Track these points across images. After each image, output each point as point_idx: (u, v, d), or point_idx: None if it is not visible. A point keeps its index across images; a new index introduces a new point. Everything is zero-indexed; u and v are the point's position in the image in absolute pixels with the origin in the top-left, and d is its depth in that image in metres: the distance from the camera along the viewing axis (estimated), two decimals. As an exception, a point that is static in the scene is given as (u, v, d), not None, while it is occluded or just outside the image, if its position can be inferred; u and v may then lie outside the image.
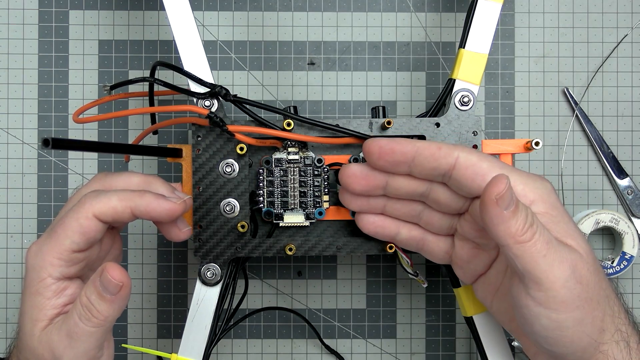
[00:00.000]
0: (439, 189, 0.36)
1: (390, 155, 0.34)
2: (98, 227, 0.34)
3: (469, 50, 0.40)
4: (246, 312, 0.46)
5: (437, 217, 0.37)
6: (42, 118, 0.48)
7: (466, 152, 0.34)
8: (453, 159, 0.33)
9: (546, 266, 0.30)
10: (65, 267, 0.33)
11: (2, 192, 0.48)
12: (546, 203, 0.33)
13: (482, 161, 0.33)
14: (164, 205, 0.34)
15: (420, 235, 0.38)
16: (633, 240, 0.46)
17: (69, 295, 0.34)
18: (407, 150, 0.34)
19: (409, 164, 0.34)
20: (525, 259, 0.30)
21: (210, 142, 0.39)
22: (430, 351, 0.48)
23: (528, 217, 0.31)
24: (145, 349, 0.40)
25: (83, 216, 0.33)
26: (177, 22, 0.39)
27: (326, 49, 0.49)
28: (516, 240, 0.30)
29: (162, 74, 0.48)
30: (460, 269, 0.37)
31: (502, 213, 0.30)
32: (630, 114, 0.49)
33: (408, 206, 0.37)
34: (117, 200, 0.34)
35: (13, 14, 0.48)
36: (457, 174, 0.33)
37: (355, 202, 0.38)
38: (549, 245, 0.31)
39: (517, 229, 0.30)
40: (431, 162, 0.34)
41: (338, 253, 0.40)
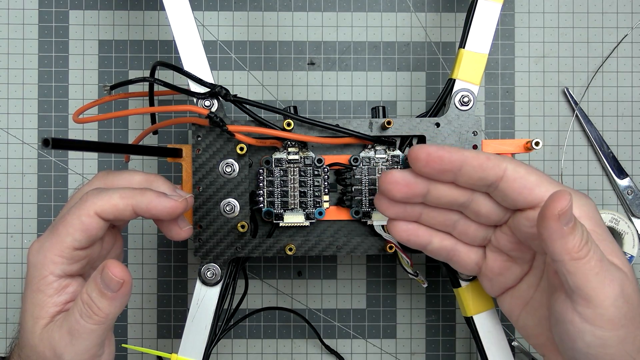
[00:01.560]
0: (481, 199, 0.35)
1: (438, 164, 0.33)
2: (100, 225, 0.34)
3: (469, 50, 0.40)
4: (246, 312, 0.46)
5: (473, 228, 0.36)
6: (42, 118, 0.48)
7: (514, 164, 0.33)
8: (501, 171, 0.33)
9: (597, 284, 0.30)
10: (67, 264, 0.33)
11: (2, 192, 0.48)
12: (592, 220, 0.33)
13: (530, 174, 0.33)
14: (165, 203, 0.34)
15: (451, 245, 0.37)
16: (633, 240, 0.46)
17: (70, 292, 0.34)
18: (455, 158, 0.33)
19: (456, 173, 0.34)
20: (578, 275, 0.30)
21: (210, 142, 0.39)
22: (430, 351, 0.48)
23: (584, 235, 0.31)
24: (145, 349, 0.40)
25: (85, 213, 0.33)
26: (177, 22, 0.39)
27: (326, 49, 0.49)
28: (572, 256, 0.30)
29: (162, 74, 0.48)
30: (490, 281, 0.37)
31: (562, 229, 0.30)
32: (630, 114, 0.49)
33: (444, 215, 0.37)
34: (118, 198, 0.34)
35: (13, 14, 0.48)
36: (504, 186, 0.33)
37: (392, 209, 0.36)
38: (601, 264, 0.31)
39: (574, 246, 0.30)
40: (479, 173, 0.33)
41: (338, 253, 0.40)
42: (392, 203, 0.36)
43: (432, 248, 0.37)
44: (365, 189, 0.40)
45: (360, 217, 0.41)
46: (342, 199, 0.41)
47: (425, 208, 0.37)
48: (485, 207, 0.35)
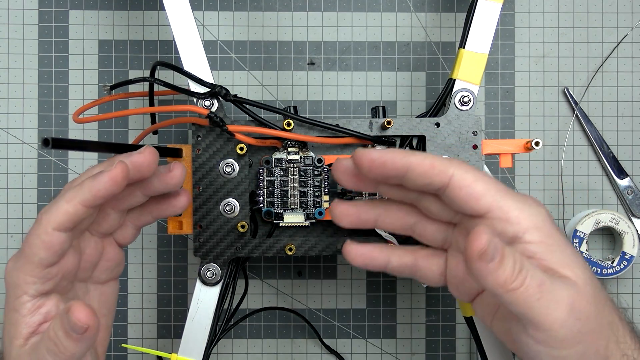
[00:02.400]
0: (430, 199, 0.35)
1: (381, 169, 0.33)
2: (62, 238, 0.32)
3: (469, 50, 0.40)
4: (246, 312, 0.46)
5: (431, 229, 0.36)
6: (42, 118, 0.48)
7: (462, 171, 0.32)
8: (447, 178, 0.32)
9: (541, 309, 0.30)
10: (39, 283, 0.33)
11: (2, 192, 0.48)
12: (541, 231, 0.32)
13: (477, 182, 0.32)
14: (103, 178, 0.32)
15: (411, 261, 0.36)
16: (633, 240, 0.46)
17: (43, 313, 0.33)
18: (399, 165, 0.32)
19: (401, 178, 0.33)
20: (519, 304, 0.29)
21: (210, 142, 0.39)
22: (430, 351, 0.48)
23: (516, 264, 0.29)
24: (145, 349, 0.40)
25: (42, 232, 0.32)
26: (177, 22, 0.39)
27: (326, 49, 0.49)
28: (506, 289, 0.29)
29: (162, 74, 0.48)
30: (456, 288, 0.36)
31: (487, 267, 0.29)
32: (630, 114, 0.49)
33: (400, 219, 0.36)
34: (65, 203, 0.32)
35: (13, 14, 0.48)
36: (451, 194, 0.32)
37: (347, 219, 0.36)
38: (542, 288, 0.30)
39: (505, 279, 0.29)
40: (424, 179, 0.32)
41: (338, 253, 0.40)
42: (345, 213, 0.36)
43: (392, 267, 0.36)
44: (365, 189, 0.40)
45: (360, 217, 0.40)
46: (342, 199, 0.41)
47: (380, 215, 0.36)
48: (434, 207, 0.35)
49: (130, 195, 0.35)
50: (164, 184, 0.35)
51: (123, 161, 0.32)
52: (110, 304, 0.38)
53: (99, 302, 0.37)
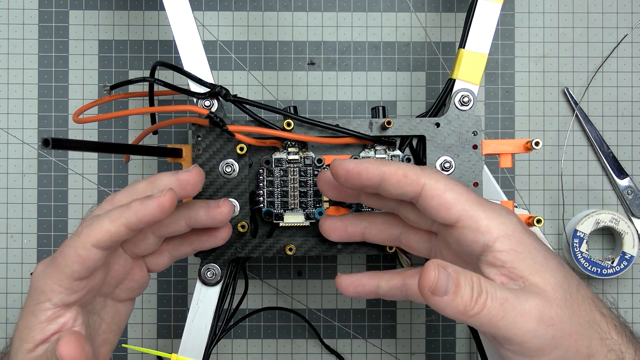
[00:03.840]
0: (408, 209, 0.36)
1: (357, 180, 0.34)
2: (98, 256, 0.32)
3: (469, 50, 0.40)
4: (246, 312, 0.46)
5: (415, 239, 0.37)
6: (42, 118, 0.48)
7: (433, 181, 0.33)
8: (419, 187, 0.33)
9: (508, 325, 0.30)
10: (65, 294, 0.33)
11: (2, 192, 0.48)
12: (511, 239, 0.33)
13: (448, 192, 0.33)
14: (151, 204, 0.32)
15: (400, 282, 0.37)
16: (633, 240, 0.46)
17: (60, 323, 0.33)
18: (372, 175, 0.33)
19: (376, 187, 0.34)
20: (485, 325, 0.30)
21: (210, 142, 0.39)
22: (430, 351, 0.48)
23: (474, 289, 0.30)
24: (145, 349, 0.40)
25: (81, 246, 0.32)
26: (177, 22, 0.39)
27: (326, 49, 0.49)
28: (468, 315, 0.30)
29: (162, 74, 0.48)
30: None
31: (443, 300, 0.29)
32: (630, 114, 0.49)
33: (386, 231, 0.38)
34: (109, 223, 0.32)
35: (13, 14, 0.48)
36: (423, 202, 0.33)
37: (335, 233, 0.38)
38: (504, 306, 0.30)
39: (464, 307, 0.29)
40: (397, 189, 0.33)
41: (338, 253, 0.40)
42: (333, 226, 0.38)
43: (383, 291, 0.37)
44: (365, 189, 0.40)
45: (360, 217, 0.41)
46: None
47: (366, 228, 0.38)
48: (412, 215, 0.36)
49: (174, 222, 0.36)
50: (210, 217, 0.36)
51: (173, 189, 0.33)
52: (122, 322, 0.38)
53: (112, 318, 0.37)
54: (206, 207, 0.36)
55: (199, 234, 0.38)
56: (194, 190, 0.34)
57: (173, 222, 0.36)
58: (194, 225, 0.36)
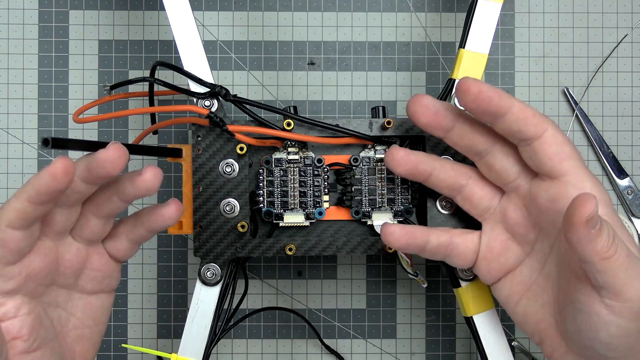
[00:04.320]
0: (499, 154, 0.35)
1: (486, 103, 0.33)
2: (15, 236, 0.31)
3: (469, 50, 0.40)
4: (246, 312, 0.46)
5: (479, 194, 0.37)
6: (42, 118, 0.48)
7: (555, 130, 0.33)
8: (542, 131, 0.33)
9: (627, 279, 0.30)
10: (0, 281, 0.32)
11: (2, 192, 0.48)
12: (609, 207, 0.33)
13: (566, 145, 0.33)
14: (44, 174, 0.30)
15: (448, 239, 0.37)
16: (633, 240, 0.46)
17: (1, 313, 0.32)
18: (503, 104, 0.33)
19: (498, 118, 0.33)
20: (609, 273, 0.30)
21: (210, 142, 0.39)
22: (430, 351, 0.48)
23: (611, 233, 0.30)
24: (145, 349, 0.40)
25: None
26: (177, 22, 0.39)
27: (326, 49, 0.49)
28: (601, 257, 0.30)
29: (162, 74, 0.48)
30: (488, 264, 0.37)
31: (590, 233, 0.29)
32: (630, 114, 0.49)
33: (453, 178, 0.37)
34: (14, 201, 0.31)
35: (13, 14, 0.48)
36: (538, 147, 0.33)
37: (405, 166, 0.36)
38: (629, 259, 0.30)
39: (602, 247, 0.30)
40: (520, 125, 0.33)
41: (338, 253, 0.40)
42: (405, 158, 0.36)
43: (430, 247, 0.37)
44: (365, 189, 0.40)
45: (360, 217, 0.41)
46: (342, 199, 0.41)
47: (436, 170, 0.36)
48: (499, 163, 0.35)
49: (107, 200, 0.34)
50: (135, 187, 0.34)
51: (65, 156, 0.31)
52: (97, 317, 0.37)
53: (83, 312, 0.36)
54: (130, 177, 0.34)
55: (148, 214, 0.36)
56: (114, 168, 0.32)
57: (105, 199, 0.34)
58: (125, 199, 0.34)
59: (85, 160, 0.32)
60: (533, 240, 0.36)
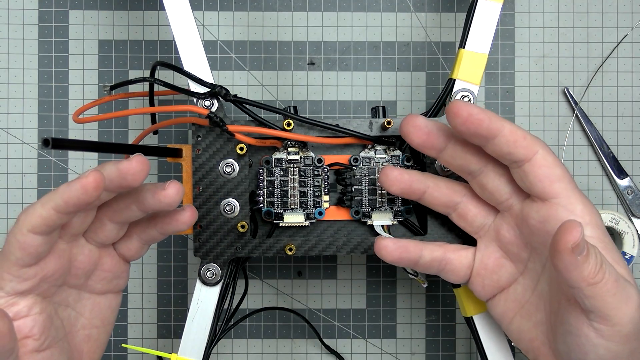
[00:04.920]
0: (491, 174, 0.35)
1: (476, 126, 0.33)
2: (37, 241, 0.32)
3: (469, 50, 0.40)
4: (246, 312, 0.46)
5: (473, 212, 0.37)
6: (42, 118, 0.48)
7: (545, 152, 0.33)
8: (532, 153, 0.33)
9: (615, 304, 0.30)
10: (15, 282, 0.32)
11: (2, 192, 0.48)
12: (599, 229, 0.33)
13: (556, 167, 0.33)
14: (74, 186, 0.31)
15: (441, 254, 0.37)
16: (633, 240, 0.46)
17: (13, 312, 0.33)
18: (493, 127, 0.33)
19: (488, 141, 0.33)
20: (596, 298, 0.30)
21: (210, 142, 0.39)
22: (430, 351, 0.48)
23: (598, 258, 0.30)
24: (145, 349, 0.40)
25: (19, 232, 0.32)
26: (177, 22, 0.39)
27: (326, 49, 0.49)
28: (589, 282, 0.30)
29: (162, 74, 0.48)
30: (482, 280, 0.37)
31: (576, 260, 0.29)
32: (630, 114, 0.49)
33: (448, 196, 0.37)
34: (40, 207, 0.32)
35: (13, 14, 0.48)
36: (529, 169, 0.33)
37: (399, 185, 0.36)
38: (617, 284, 0.30)
39: (589, 273, 0.30)
40: (510, 148, 0.33)
41: (338, 253, 0.40)
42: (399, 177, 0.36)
43: (423, 262, 0.37)
44: (365, 189, 0.40)
45: (360, 217, 0.41)
46: (342, 199, 0.41)
47: (430, 188, 0.37)
48: (492, 183, 0.35)
49: (126, 208, 0.35)
50: (156, 201, 0.34)
51: (98, 170, 0.31)
52: (105, 317, 0.37)
53: (91, 312, 0.37)
54: (153, 190, 0.34)
55: (163, 217, 0.37)
56: (135, 179, 0.32)
57: (124, 207, 0.35)
58: (144, 209, 0.35)
59: (107, 169, 0.32)
60: (526, 259, 0.36)
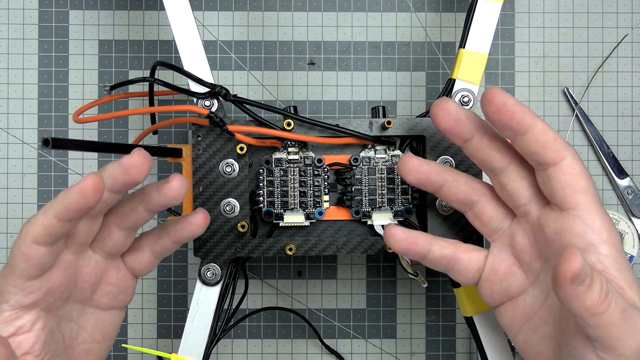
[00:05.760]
0: (513, 175, 0.34)
1: (508, 117, 0.32)
2: (40, 252, 0.31)
3: (469, 50, 0.40)
4: (246, 312, 0.46)
5: (490, 213, 0.35)
6: (42, 118, 0.48)
7: (574, 160, 0.32)
8: (560, 158, 0.32)
9: (620, 335, 0.29)
10: (21, 295, 0.32)
11: (2, 192, 0.48)
12: (616, 248, 0.32)
13: (582, 177, 0.32)
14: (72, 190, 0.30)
15: (452, 253, 0.36)
16: (633, 240, 0.46)
17: (16, 326, 0.32)
18: (525, 122, 0.32)
19: (517, 135, 0.32)
20: (601, 328, 0.29)
21: (210, 142, 0.39)
22: (430, 351, 0.48)
23: (603, 287, 0.29)
24: (145, 349, 0.40)
25: (22, 244, 0.31)
26: (177, 22, 0.39)
27: (326, 49, 0.49)
28: (592, 312, 0.28)
29: (162, 74, 0.48)
30: (491, 286, 0.35)
31: (576, 290, 0.28)
32: (630, 114, 0.49)
33: (466, 193, 0.35)
34: (42, 216, 0.31)
35: (13, 14, 0.48)
36: (554, 174, 0.32)
37: (417, 175, 0.35)
38: (624, 314, 0.29)
39: (592, 303, 0.28)
40: (539, 148, 0.32)
41: (338, 253, 0.40)
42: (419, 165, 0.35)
43: (432, 257, 0.36)
44: (365, 189, 0.40)
45: (360, 217, 0.41)
46: (342, 199, 0.41)
47: (448, 182, 0.35)
48: (512, 184, 0.34)
49: (132, 210, 0.34)
50: (162, 195, 0.33)
51: (97, 173, 0.31)
52: (107, 332, 0.37)
53: (94, 327, 0.36)
54: (157, 186, 0.34)
55: (175, 224, 0.36)
56: (139, 174, 0.31)
57: (131, 210, 0.34)
58: (151, 208, 0.34)
59: (109, 168, 0.32)
60: (538, 270, 0.34)
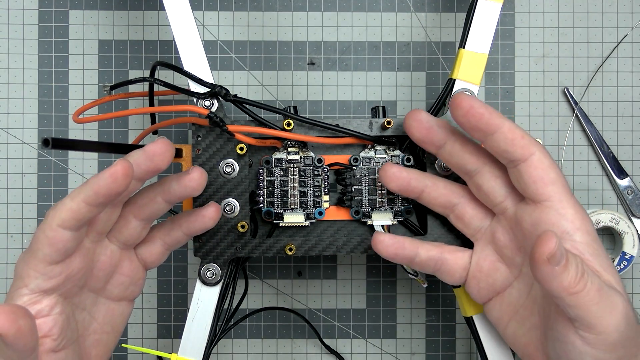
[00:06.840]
0: (487, 175, 0.35)
1: (476, 119, 0.33)
2: (65, 236, 0.32)
3: (469, 50, 0.40)
4: (246, 312, 0.46)
5: (470, 213, 0.37)
6: (42, 118, 0.48)
7: (542, 154, 0.33)
8: (528, 154, 0.33)
9: (599, 312, 0.30)
10: (41, 280, 0.32)
11: (2, 192, 0.48)
12: (590, 235, 0.33)
13: (552, 170, 0.33)
14: (104, 176, 0.31)
15: (438, 254, 0.37)
16: (633, 240, 0.46)
17: (35, 310, 0.32)
18: (492, 123, 0.33)
19: (487, 136, 0.34)
20: (579, 307, 0.30)
21: (210, 142, 0.39)
22: (430, 351, 0.48)
23: (579, 268, 0.30)
24: (145, 349, 0.40)
25: (48, 228, 0.32)
26: (177, 22, 0.39)
27: (326, 49, 0.49)
28: (569, 292, 0.30)
29: (162, 74, 0.48)
30: (478, 283, 0.37)
31: (554, 270, 0.29)
32: (630, 114, 0.49)
33: (445, 196, 0.37)
34: (70, 201, 0.31)
35: (13, 14, 0.48)
36: (525, 169, 0.33)
37: (397, 182, 0.37)
38: (600, 293, 0.30)
39: (569, 282, 0.30)
40: (508, 146, 0.33)
41: (338, 253, 0.40)
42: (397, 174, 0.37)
43: (419, 260, 0.37)
44: (365, 189, 0.40)
45: (360, 217, 0.41)
46: (342, 199, 0.41)
47: (428, 187, 0.37)
48: (487, 184, 0.36)
49: (151, 201, 0.35)
50: (182, 187, 0.35)
51: (126, 159, 0.32)
52: (116, 324, 0.37)
53: (104, 317, 0.37)
54: (177, 177, 0.35)
55: (187, 216, 0.37)
56: (162, 161, 0.33)
57: (149, 201, 0.35)
58: (170, 199, 0.35)
59: (134, 156, 0.33)
60: (520, 264, 0.36)
